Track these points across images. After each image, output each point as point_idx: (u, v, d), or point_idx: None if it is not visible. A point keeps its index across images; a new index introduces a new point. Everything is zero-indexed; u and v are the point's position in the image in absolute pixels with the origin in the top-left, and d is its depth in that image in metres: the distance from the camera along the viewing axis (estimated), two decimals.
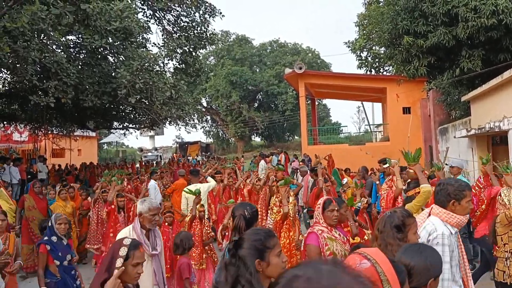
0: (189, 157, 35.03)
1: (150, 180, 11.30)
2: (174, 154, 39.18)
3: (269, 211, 6.95)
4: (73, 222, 8.50)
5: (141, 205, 4.11)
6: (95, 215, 8.65)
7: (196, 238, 6.08)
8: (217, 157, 31.82)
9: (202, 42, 16.45)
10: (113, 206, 7.77)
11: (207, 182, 9.05)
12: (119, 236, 3.89)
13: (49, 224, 5.24)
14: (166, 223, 6.72)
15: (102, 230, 8.40)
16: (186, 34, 16.11)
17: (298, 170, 13.92)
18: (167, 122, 18.00)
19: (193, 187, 8.26)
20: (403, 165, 8.59)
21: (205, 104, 48.85)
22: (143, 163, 26.22)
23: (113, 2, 11.18)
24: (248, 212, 3.57)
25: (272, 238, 2.30)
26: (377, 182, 8.49)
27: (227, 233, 5.78)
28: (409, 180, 6.43)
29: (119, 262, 2.67)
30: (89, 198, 9.82)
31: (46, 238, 5.16)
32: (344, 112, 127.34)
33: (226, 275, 2.17)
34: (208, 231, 6.37)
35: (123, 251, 2.72)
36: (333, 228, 3.94)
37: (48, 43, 11.05)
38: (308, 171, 10.85)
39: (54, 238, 5.15)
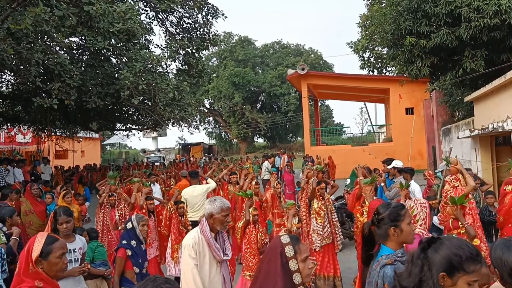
0: (195, 158, 35.05)
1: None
2: (178, 155, 39.19)
3: (313, 216, 6.47)
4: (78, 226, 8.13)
5: (211, 205, 3.69)
6: (101, 221, 7.84)
7: (253, 246, 5.63)
8: (221, 158, 31.79)
9: (205, 44, 16.47)
10: (143, 211, 7.07)
11: (207, 183, 8.78)
12: (185, 241, 3.63)
13: (129, 226, 4.76)
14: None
15: (107, 237, 7.73)
16: (188, 36, 16.14)
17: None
18: (170, 123, 18.03)
19: (191, 188, 8.22)
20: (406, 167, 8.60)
21: (207, 106, 48.88)
22: (149, 164, 26.19)
23: (116, 4, 11.22)
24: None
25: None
26: (383, 184, 8.44)
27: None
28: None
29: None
30: (87, 203, 9.72)
31: (125, 242, 4.67)
32: (347, 113, 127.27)
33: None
34: (262, 237, 5.82)
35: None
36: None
37: (51, 45, 11.11)
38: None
39: (133, 243, 4.68)
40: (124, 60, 13.49)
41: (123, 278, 4.58)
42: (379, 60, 25.56)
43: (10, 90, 16.01)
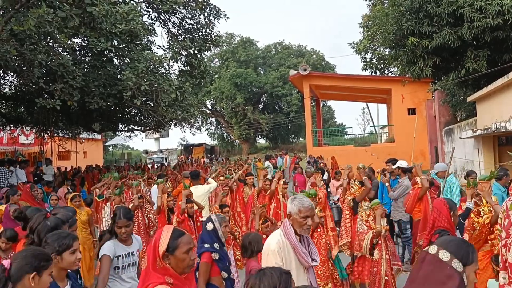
0: (201, 159, 35.05)
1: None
2: (183, 156, 39.19)
3: (363, 219, 5.94)
4: (89, 232, 7.48)
5: (290, 204, 3.34)
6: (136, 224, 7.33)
7: (322, 252, 5.20)
8: (225, 158, 31.85)
9: (207, 44, 16.47)
10: (186, 215, 6.74)
11: (208, 183, 8.70)
12: (268, 246, 3.29)
13: (210, 227, 4.22)
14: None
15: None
16: (191, 36, 16.15)
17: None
18: (172, 124, 18.04)
19: (193, 189, 8.17)
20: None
21: (209, 107, 48.91)
22: (154, 165, 26.19)
23: (118, 5, 11.24)
24: None
25: None
26: (387, 184, 8.42)
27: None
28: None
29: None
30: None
31: (207, 245, 4.12)
32: (349, 114, 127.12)
33: None
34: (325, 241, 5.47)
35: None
36: None
37: (54, 46, 11.13)
38: (314, 172, 10.89)
39: (216, 245, 4.17)
40: (126, 61, 13.52)
41: (209, 285, 4.05)
42: (381, 61, 25.57)
43: (13, 91, 16.05)
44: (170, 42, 16.00)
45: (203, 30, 16.35)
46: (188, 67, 16.45)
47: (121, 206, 5.38)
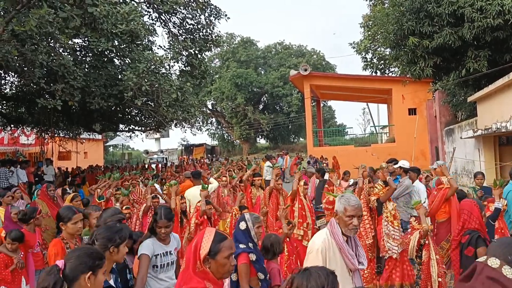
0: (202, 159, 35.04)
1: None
2: (185, 157, 39.14)
3: (388, 219, 5.79)
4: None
5: (337, 202, 3.23)
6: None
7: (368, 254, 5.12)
8: (226, 158, 31.80)
9: (208, 44, 16.49)
10: (205, 217, 6.56)
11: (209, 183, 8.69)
12: (313, 244, 3.18)
13: (243, 226, 3.99)
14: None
15: None
16: (191, 37, 16.17)
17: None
18: (173, 124, 18.05)
19: (194, 188, 8.13)
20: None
21: (210, 107, 48.94)
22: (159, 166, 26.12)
23: (119, 5, 11.25)
24: None
25: None
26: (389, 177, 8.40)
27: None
28: None
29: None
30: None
31: (243, 245, 3.87)
32: (349, 114, 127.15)
33: None
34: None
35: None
36: None
37: (55, 46, 11.15)
38: (315, 172, 10.91)
39: (251, 245, 3.96)
40: (127, 61, 13.54)
41: None
42: (382, 61, 25.57)
43: (14, 91, 16.06)
44: (171, 42, 16.03)
45: (204, 30, 16.38)
46: (189, 67, 16.47)
47: (163, 206, 5.36)
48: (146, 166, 24.94)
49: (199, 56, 16.37)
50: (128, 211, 7.06)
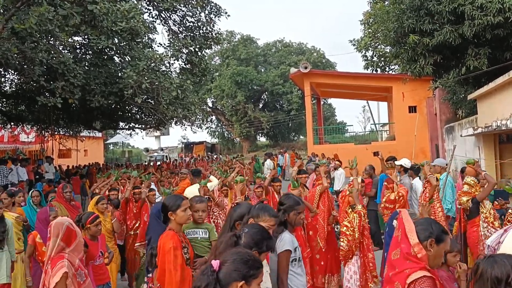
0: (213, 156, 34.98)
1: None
2: (185, 154, 39.10)
3: (488, 220, 5.53)
4: (114, 242, 6.69)
5: None
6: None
7: None
8: (227, 156, 31.80)
9: (208, 42, 16.50)
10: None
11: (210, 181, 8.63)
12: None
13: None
14: None
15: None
16: (191, 34, 16.17)
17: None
18: (173, 122, 18.06)
19: (194, 187, 8.05)
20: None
21: (210, 104, 48.91)
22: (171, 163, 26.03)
23: (119, 2, 11.25)
24: None
25: None
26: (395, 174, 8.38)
27: None
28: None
29: None
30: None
31: None
32: (349, 112, 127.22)
33: None
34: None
35: None
36: None
37: (55, 44, 11.14)
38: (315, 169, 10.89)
39: None
40: (127, 59, 13.53)
41: None
42: (382, 59, 25.55)
43: (14, 89, 16.06)
44: (171, 40, 16.03)
45: (204, 28, 16.38)
46: (189, 65, 16.47)
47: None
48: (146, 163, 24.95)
49: (199, 53, 16.38)
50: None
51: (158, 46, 17.66)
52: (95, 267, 4.77)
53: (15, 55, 9.33)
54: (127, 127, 21.65)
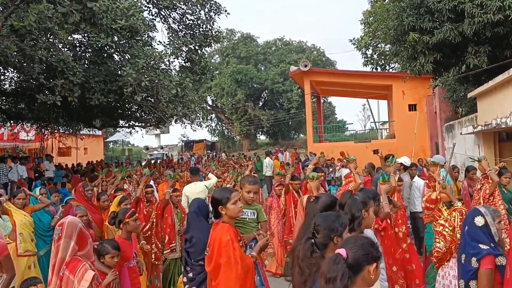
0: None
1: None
2: (199, 152, 38.90)
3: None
4: (140, 254, 5.73)
5: None
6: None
7: None
8: (227, 154, 31.79)
9: (208, 40, 16.47)
10: None
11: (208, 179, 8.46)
12: None
13: (480, 222, 3.39)
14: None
15: None
16: (191, 32, 16.15)
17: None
18: (173, 120, 18.05)
19: (192, 185, 8.01)
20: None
21: (210, 103, 48.90)
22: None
23: (119, 0, 11.25)
24: None
25: None
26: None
27: None
28: None
29: None
30: None
31: (485, 246, 3.27)
32: (349, 110, 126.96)
33: None
34: None
35: None
36: None
37: (54, 42, 11.13)
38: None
39: (493, 245, 3.36)
40: (127, 57, 13.51)
41: None
42: (382, 57, 25.52)
43: (13, 87, 16.05)
44: (171, 38, 16.01)
45: (204, 26, 16.36)
46: (189, 63, 16.45)
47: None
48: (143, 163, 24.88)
49: (199, 51, 16.36)
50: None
51: (158, 44, 17.68)
52: (129, 270, 4.44)
53: (14, 53, 9.31)
54: (127, 125, 21.64)
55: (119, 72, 13.08)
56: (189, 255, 4.11)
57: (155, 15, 16.11)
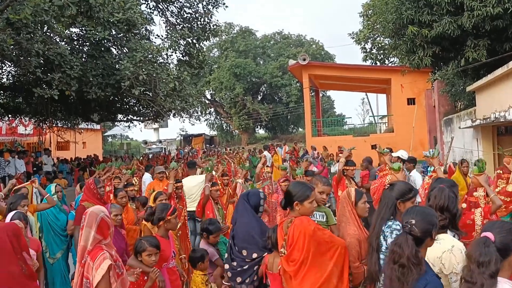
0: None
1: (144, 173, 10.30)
2: (198, 146, 38.72)
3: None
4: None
5: None
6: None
7: None
8: (226, 148, 31.69)
9: (206, 34, 16.41)
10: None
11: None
12: None
13: None
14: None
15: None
16: (189, 26, 16.08)
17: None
18: (171, 114, 18.01)
19: (189, 178, 7.95)
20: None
21: (209, 97, 48.80)
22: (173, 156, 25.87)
23: None
24: None
25: None
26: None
27: None
28: None
29: None
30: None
31: None
32: (348, 104, 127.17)
33: None
34: None
35: None
36: None
37: (51, 35, 11.06)
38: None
39: None
40: (124, 50, 13.45)
41: None
42: (381, 51, 25.47)
43: (10, 81, 15.98)
44: (169, 31, 15.94)
45: (202, 19, 16.29)
46: (187, 56, 16.40)
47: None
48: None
49: (197, 45, 16.30)
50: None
51: (155, 37, 17.60)
52: (169, 271, 4.07)
53: (11, 46, 9.26)
54: (125, 119, 21.58)
55: (117, 66, 13.02)
56: (234, 240, 3.90)
57: (153, 8, 16.04)
